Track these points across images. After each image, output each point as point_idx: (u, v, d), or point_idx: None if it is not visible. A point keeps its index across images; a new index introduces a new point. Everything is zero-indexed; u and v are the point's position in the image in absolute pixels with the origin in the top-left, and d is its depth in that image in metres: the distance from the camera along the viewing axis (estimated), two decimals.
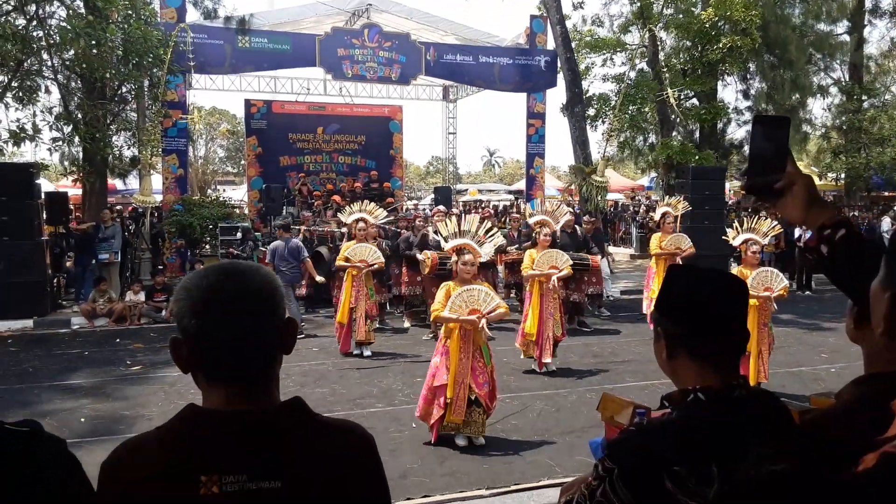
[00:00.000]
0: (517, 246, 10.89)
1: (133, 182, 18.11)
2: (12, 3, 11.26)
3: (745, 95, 20.48)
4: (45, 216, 11.87)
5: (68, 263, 13.31)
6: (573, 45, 16.87)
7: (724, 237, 7.27)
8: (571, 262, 7.88)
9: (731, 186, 23.60)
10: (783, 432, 1.32)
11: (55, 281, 12.14)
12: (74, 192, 16.88)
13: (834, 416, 1.45)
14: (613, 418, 2.43)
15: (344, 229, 10.64)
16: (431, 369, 5.45)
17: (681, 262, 8.19)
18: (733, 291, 1.38)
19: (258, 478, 1.08)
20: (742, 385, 1.34)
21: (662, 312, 1.41)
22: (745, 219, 7.24)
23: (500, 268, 11.74)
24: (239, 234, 13.75)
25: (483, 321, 5.23)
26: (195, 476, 1.07)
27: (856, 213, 18.44)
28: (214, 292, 1.14)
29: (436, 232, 9.24)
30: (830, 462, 1.36)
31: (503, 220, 16.31)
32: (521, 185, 26.64)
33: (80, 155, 13.55)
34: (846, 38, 21.74)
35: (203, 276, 1.17)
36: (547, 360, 7.51)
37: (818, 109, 40.75)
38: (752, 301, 6.38)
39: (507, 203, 25.90)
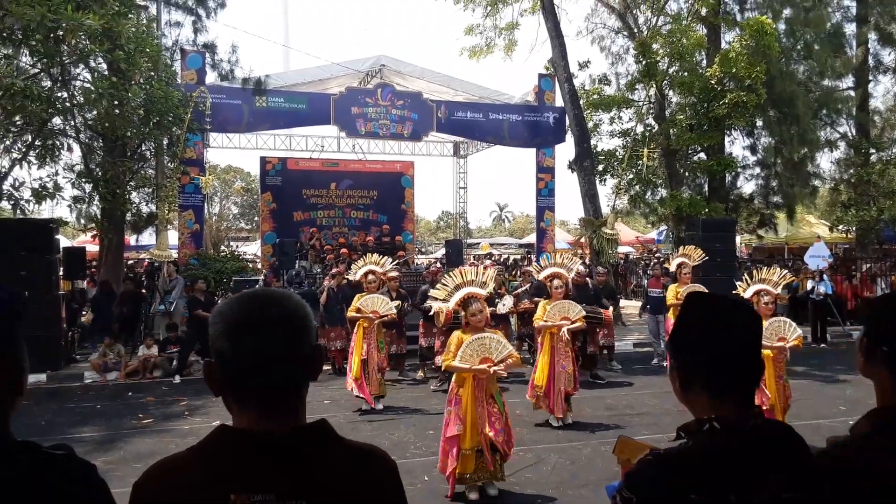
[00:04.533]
0: (528, 295, 10.90)
1: (148, 237, 18.42)
2: (39, 66, 11.69)
3: (752, 150, 20.70)
4: (62, 271, 12.06)
5: (83, 318, 13.45)
6: (581, 102, 17.21)
7: (734, 291, 7.23)
8: (584, 313, 7.82)
9: (742, 239, 23.61)
10: (799, 462, 1.34)
11: (69, 335, 12.23)
12: (91, 247, 17.16)
13: (850, 447, 1.47)
14: (630, 461, 2.42)
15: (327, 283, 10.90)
16: (445, 419, 5.41)
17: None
18: (746, 320, 1.41)
19: (285, 497, 1.12)
20: (757, 415, 1.36)
21: (677, 343, 1.44)
22: (755, 270, 7.21)
23: (513, 319, 11.72)
24: None
25: (495, 369, 5.21)
26: (225, 494, 1.10)
27: (870, 266, 18.35)
28: (247, 317, 1.20)
29: (426, 294, 9.28)
30: (847, 491, 1.37)
31: (514, 272, 16.35)
32: (531, 238, 26.78)
33: (99, 212, 13.83)
34: (851, 93, 22.07)
35: (237, 301, 1.23)
36: (559, 414, 7.40)
37: (826, 163, 40.96)
38: (766, 352, 6.31)
39: (518, 257, 25.97)
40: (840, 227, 22.70)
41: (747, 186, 21.37)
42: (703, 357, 1.38)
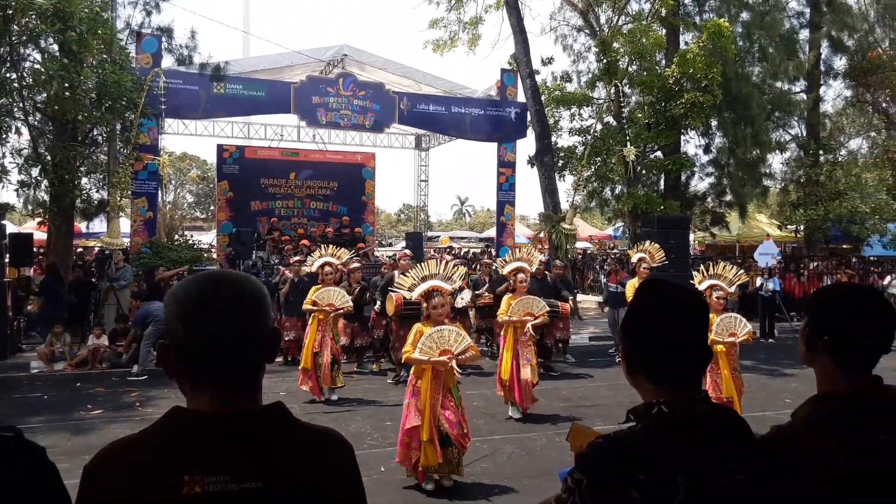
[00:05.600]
0: (487, 289, 10.96)
1: (99, 225, 17.92)
2: None
3: (706, 150, 21.16)
4: (8, 258, 11.66)
5: (30, 307, 13.04)
6: (542, 98, 17.34)
7: (690, 282, 7.39)
8: (548, 308, 7.88)
9: (696, 237, 24.15)
10: (744, 445, 1.38)
11: (15, 324, 11.84)
12: (39, 234, 16.62)
13: (792, 432, 1.53)
14: (583, 448, 2.46)
15: (289, 274, 10.76)
16: (404, 412, 5.41)
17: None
18: (694, 308, 1.45)
19: (240, 479, 1.10)
20: (704, 399, 1.40)
21: (627, 329, 1.47)
22: (711, 266, 7.36)
23: (472, 312, 11.77)
24: None
25: (453, 362, 5.23)
26: (178, 476, 1.08)
27: (817, 264, 18.95)
28: (202, 298, 1.18)
29: (393, 280, 9.32)
30: (789, 473, 1.43)
31: (474, 266, 16.42)
32: (491, 232, 26.93)
33: (47, 198, 13.39)
34: (803, 96, 22.73)
35: (192, 282, 1.21)
36: (527, 405, 7.43)
37: (777, 164, 42.13)
38: (718, 347, 6.48)
39: (478, 250, 26.09)
40: (789, 226, 23.39)
41: (701, 185, 21.85)
42: (653, 342, 1.41)
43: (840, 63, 23.21)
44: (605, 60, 17.51)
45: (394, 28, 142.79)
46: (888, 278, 18.37)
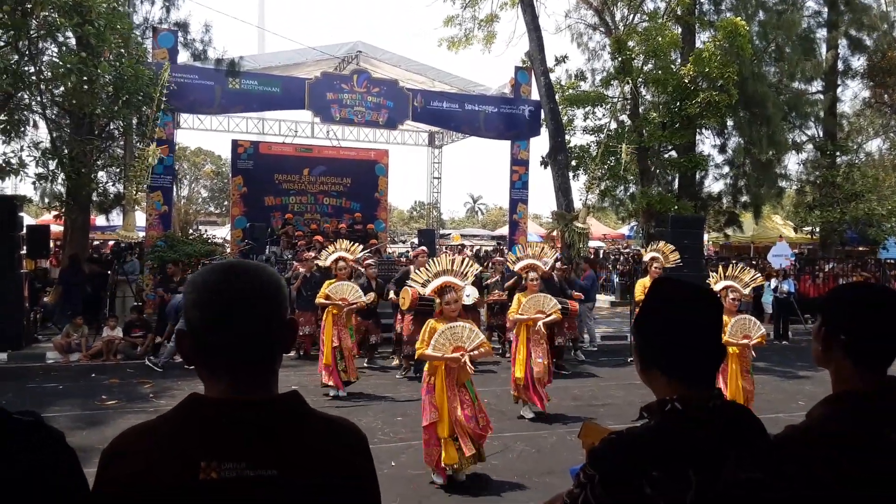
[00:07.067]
0: (500, 288, 10.96)
1: (115, 218, 18.08)
2: (4, 40, 11.36)
3: (722, 149, 21.00)
4: (25, 249, 11.79)
5: (46, 298, 13.18)
6: (557, 96, 17.28)
7: (707, 282, 7.35)
8: (560, 306, 7.86)
9: (710, 237, 24.01)
10: (757, 442, 1.38)
11: (32, 314, 11.98)
12: (56, 226, 16.81)
13: (804, 430, 1.52)
14: (595, 446, 2.46)
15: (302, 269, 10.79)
16: (422, 409, 5.43)
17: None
18: (707, 307, 1.44)
19: (256, 465, 1.11)
20: (718, 396, 1.40)
21: (641, 326, 1.47)
22: (725, 266, 7.32)
23: (483, 310, 11.77)
24: None
25: (466, 357, 5.24)
26: (195, 462, 1.09)
27: (833, 265, 18.77)
28: (220, 287, 1.19)
29: (408, 275, 9.34)
30: (794, 469, 1.42)
31: (486, 264, 16.41)
32: (504, 230, 26.90)
33: (64, 191, 13.52)
34: (820, 96, 22.50)
35: (210, 271, 1.22)
36: (540, 405, 7.38)
37: (793, 164, 41.82)
38: (731, 349, 6.45)
39: (491, 248, 26.08)
40: (804, 227, 23.18)
41: (716, 185, 21.71)
42: (665, 340, 1.41)
43: (858, 63, 22.98)
44: (619, 59, 17.43)
45: (408, 25, 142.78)
46: None
